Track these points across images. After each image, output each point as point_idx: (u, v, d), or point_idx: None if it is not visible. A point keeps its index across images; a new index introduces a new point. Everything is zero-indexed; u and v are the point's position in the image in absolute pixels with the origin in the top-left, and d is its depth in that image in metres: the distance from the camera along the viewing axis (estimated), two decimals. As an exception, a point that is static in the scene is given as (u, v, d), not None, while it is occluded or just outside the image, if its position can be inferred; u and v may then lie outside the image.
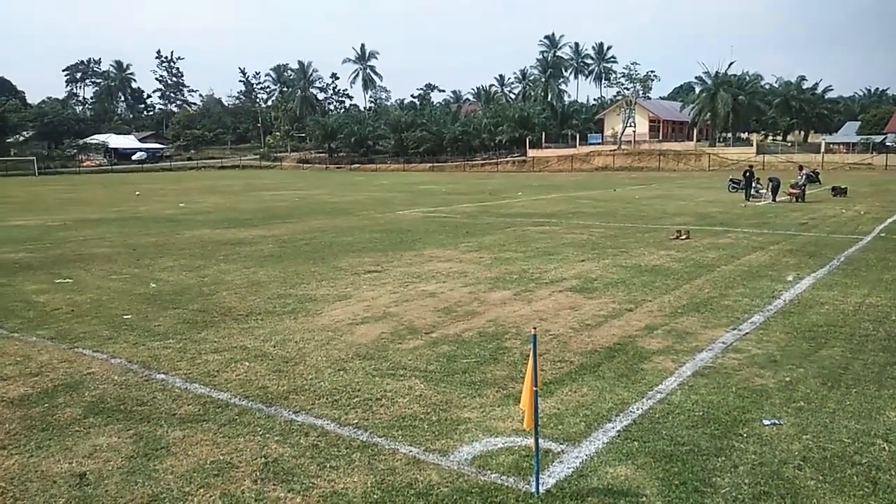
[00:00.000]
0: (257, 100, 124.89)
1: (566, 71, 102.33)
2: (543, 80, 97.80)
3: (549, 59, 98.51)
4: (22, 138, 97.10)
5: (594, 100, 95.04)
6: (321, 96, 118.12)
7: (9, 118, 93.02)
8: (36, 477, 4.19)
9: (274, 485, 4.07)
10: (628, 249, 13.31)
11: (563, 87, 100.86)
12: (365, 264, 11.94)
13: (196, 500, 3.90)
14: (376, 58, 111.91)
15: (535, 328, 4.16)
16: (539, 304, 8.75)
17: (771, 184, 25.03)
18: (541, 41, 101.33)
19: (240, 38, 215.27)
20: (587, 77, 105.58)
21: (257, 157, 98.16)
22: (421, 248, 14.00)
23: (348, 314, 8.29)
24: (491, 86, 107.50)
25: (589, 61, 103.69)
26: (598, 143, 74.06)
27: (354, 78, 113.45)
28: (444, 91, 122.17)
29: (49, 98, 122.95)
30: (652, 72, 79.30)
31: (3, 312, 8.64)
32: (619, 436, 4.74)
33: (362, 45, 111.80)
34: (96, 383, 5.90)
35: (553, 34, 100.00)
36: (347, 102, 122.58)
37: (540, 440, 4.13)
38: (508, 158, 74.80)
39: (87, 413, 5.22)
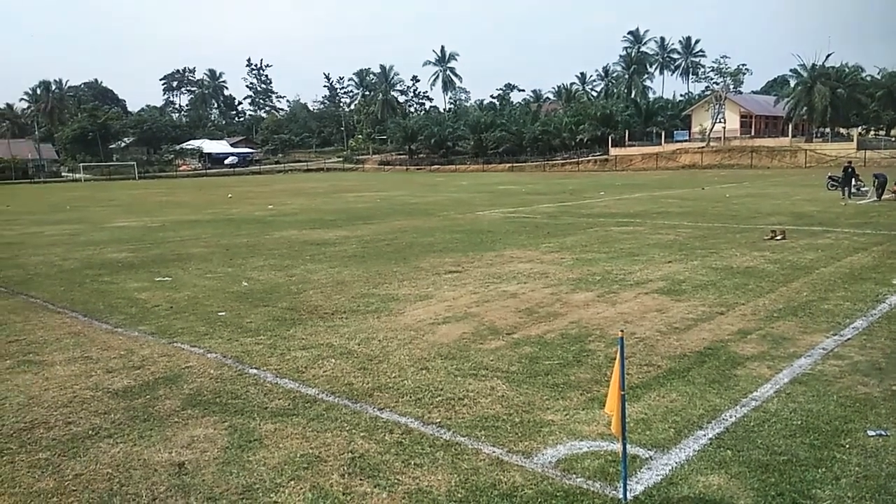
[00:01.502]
0: (341, 104, 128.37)
1: (651, 66, 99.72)
2: (627, 76, 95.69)
3: (633, 54, 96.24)
4: (123, 144, 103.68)
5: (681, 95, 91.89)
6: (402, 99, 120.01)
7: (112, 126, 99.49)
8: (139, 465, 4.44)
9: (361, 480, 4.15)
10: (719, 250, 12.80)
11: (647, 83, 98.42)
12: (446, 265, 12.02)
13: (287, 492, 4.03)
14: (456, 59, 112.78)
15: (622, 331, 4.06)
16: (624, 306, 8.55)
17: (877, 180, 23.39)
18: (624, 37, 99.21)
19: (325, 45, 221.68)
20: (673, 72, 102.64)
21: (340, 159, 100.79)
22: (501, 248, 13.96)
23: (430, 314, 8.36)
24: (572, 84, 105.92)
25: (675, 56, 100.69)
26: (685, 141, 71.53)
27: (434, 80, 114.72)
28: (523, 91, 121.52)
29: (148, 106, 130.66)
30: (743, 65, 76.14)
31: (108, 309, 9.22)
32: (710, 444, 4.56)
33: (442, 48, 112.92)
34: (194, 376, 6.20)
35: (637, 29, 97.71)
36: (427, 104, 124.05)
37: (627, 445, 4.02)
38: (590, 157, 73.50)
39: (186, 405, 5.49)
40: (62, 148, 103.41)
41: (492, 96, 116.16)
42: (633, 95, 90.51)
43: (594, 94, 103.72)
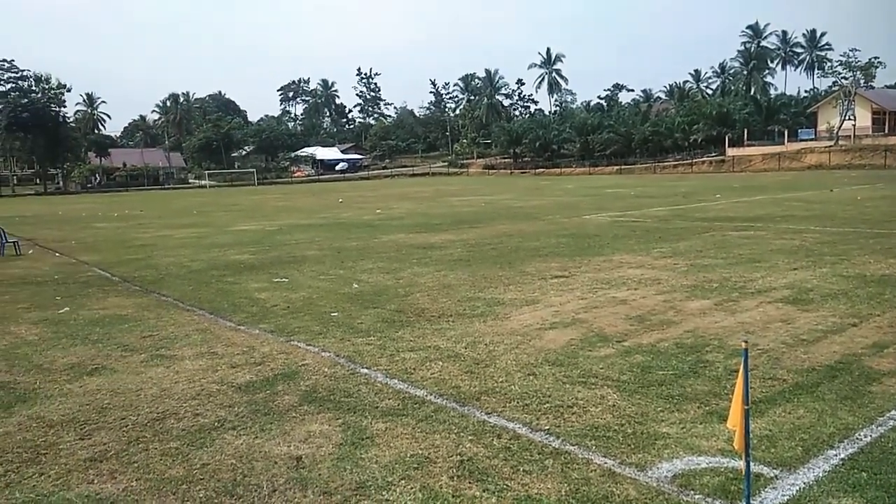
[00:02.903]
0: (446, 109, 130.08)
1: (772, 62, 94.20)
2: (745, 72, 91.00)
3: (753, 49, 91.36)
4: (244, 152, 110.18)
5: (805, 92, 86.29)
6: (506, 102, 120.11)
7: (234, 135, 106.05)
8: (260, 457, 4.67)
9: (469, 483, 4.16)
10: (850, 257, 11.86)
11: (768, 79, 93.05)
12: (552, 269, 11.87)
13: (398, 491, 4.10)
14: (562, 61, 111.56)
15: (745, 342, 3.84)
16: (744, 315, 8.09)
17: None
18: (743, 31, 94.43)
19: (431, 52, 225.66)
20: (797, 67, 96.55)
21: (445, 164, 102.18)
22: (610, 253, 13.61)
23: (536, 319, 8.27)
24: (685, 82, 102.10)
25: (799, 50, 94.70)
26: (811, 139, 66.98)
27: (540, 82, 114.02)
28: (632, 91, 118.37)
29: (266, 116, 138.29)
30: (875, 58, 70.08)
31: (231, 307, 9.78)
32: (843, 464, 4.21)
33: (548, 50, 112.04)
34: (309, 374, 6.45)
35: (757, 23, 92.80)
36: (532, 107, 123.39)
37: (751, 463, 3.79)
38: (704, 158, 70.38)
39: (302, 401, 5.72)
40: (189, 156, 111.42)
41: (599, 97, 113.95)
42: (752, 92, 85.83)
43: (709, 92, 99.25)
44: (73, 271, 14.34)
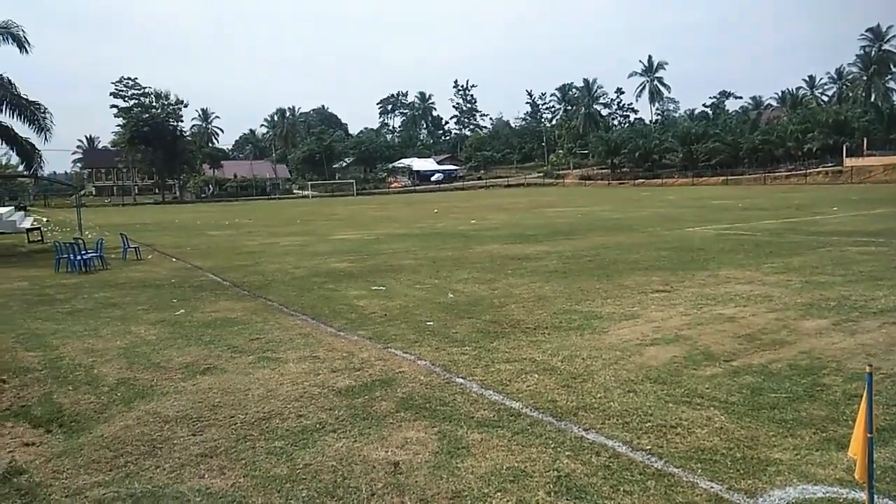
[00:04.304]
0: (542, 119, 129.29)
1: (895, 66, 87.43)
2: (865, 78, 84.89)
3: (873, 54, 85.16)
4: (344, 164, 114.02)
5: (935, 97, 79.46)
6: (605, 112, 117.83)
7: (335, 147, 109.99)
8: (359, 460, 4.77)
9: (567, 500, 4.07)
10: None
11: (890, 84, 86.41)
12: (653, 283, 11.49)
13: (494, 503, 4.07)
14: (664, 69, 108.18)
15: (869, 366, 3.56)
16: (865, 336, 7.51)
17: None
18: (862, 35, 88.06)
19: (528, 62, 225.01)
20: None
21: (540, 174, 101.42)
22: (715, 267, 13.03)
23: (636, 334, 8.03)
24: (798, 88, 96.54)
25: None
26: (940, 148, 61.63)
27: (640, 91, 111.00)
28: (740, 98, 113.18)
29: (365, 128, 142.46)
30: None
31: (332, 313, 10.09)
32: None
33: (649, 57, 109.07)
34: (406, 381, 6.54)
35: (878, 25, 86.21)
36: (632, 116, 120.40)
37: (875, 495, 3.50)
38: (819, 169, 66.21)
39: (399, 407, 5.81)
40: (294, 167, 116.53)
41: (704, 105, 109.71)
42: (872, 99, 79.98)
43: (824, 99, 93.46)
44: (188, 275, 15.28)
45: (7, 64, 74.22)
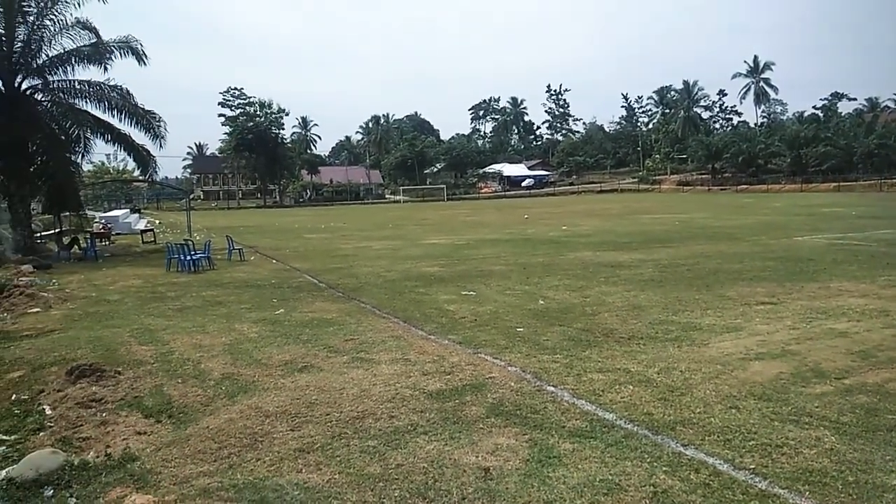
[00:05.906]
0: (637, 123, 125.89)
1: None
2: None
3: None
4: (435, 169, 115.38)
5: None
6: (705, 115, 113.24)
7: (427, 153, 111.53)
8: (450, 464, 4.80)
9: (663, 517, 3.93)
10: None
11: None
12: (757, 294, 10.93)
13: (586, 516, 3.99)
14: (771, 69, 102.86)
15: None
16: None
17: None
18: None
19: (624, 65, 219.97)
20: None
21: (635, 180, 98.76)
22: (826, 279, 12.24)
23: (739, 348, 7.65)
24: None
25: None
26: None
27: (745, 93, 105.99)
28: (854, 99, 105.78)
29: (457, 134, 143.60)
30: None
31: (423, 317, 10.21)
32: None
33: (755, 58, 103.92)
34: (496, 387, 6.53)
35: None
36: (735, 119, 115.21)
37: None
38: (945, 175, 60.97)
39: (489, 413, 5.80)
40: (386, 173, 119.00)
41: (814, 107, 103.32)
42: None
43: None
44: (287, 276, 15.91)
45: (126, 76, 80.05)
